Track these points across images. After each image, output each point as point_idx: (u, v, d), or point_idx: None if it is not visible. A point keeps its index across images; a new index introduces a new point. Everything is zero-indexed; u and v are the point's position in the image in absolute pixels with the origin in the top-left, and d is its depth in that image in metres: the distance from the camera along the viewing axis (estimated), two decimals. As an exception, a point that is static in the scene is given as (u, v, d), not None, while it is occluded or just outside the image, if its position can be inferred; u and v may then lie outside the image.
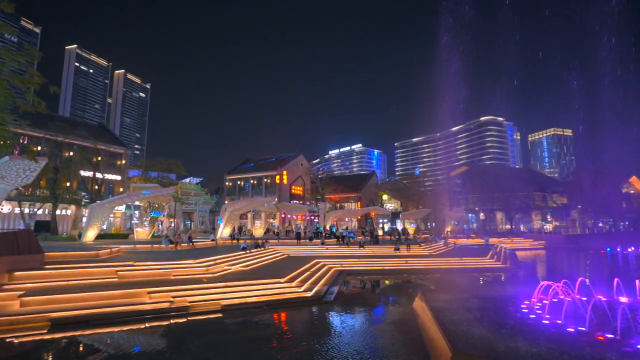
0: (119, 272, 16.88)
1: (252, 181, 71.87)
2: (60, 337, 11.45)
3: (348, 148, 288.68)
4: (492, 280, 26.51)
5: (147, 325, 12.81)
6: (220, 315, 14.36)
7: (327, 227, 49.62)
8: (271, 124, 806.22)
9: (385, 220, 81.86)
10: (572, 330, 9.55)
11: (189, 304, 14.48)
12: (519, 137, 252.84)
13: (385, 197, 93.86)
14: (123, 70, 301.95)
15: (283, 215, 62.47)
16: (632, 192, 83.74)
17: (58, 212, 38.18)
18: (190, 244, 29.29)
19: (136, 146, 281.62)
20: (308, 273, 21.89)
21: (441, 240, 45.42)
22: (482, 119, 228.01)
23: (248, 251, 26.22)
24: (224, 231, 39.90)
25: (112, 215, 46.05)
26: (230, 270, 20.17)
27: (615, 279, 11.89)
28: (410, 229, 67.08)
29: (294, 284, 18.70)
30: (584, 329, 9.56)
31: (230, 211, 39.88)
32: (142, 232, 35.99)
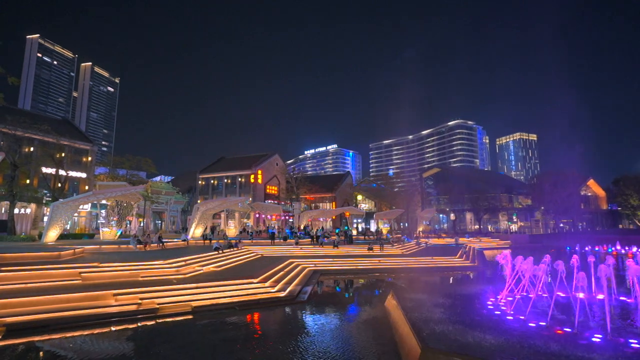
0: (82, 274, 16.12)
1: (225, 180, 70.69)
2: (17, 344, 10.79)
3: (323, 148, 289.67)
4: (461, 278, 27.37)
5: (112, 328, 12.31)
6: (190, 317, 14.02)
7: (302, 227, 49.55)
8: (246, 123, 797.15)
9: (359, 220, 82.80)
10: (533, 325, 10.01)
11: (158, 306, 14.04)
12: (487, 141, 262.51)
13: (359, 197, 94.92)
14: (90, 63, 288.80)
15: (257, 215, 61.84)
16: (589, 194, 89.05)
17: (16, 210, 35.97)
18: (160, 244, 28.43)
19: (104, 142, 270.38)
20: (282, 273, 21.78)
21: (413, 240, 46.43)
22: (454, 122, 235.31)
23: (221, 251, 25.76)
24: (195, 231, 39.00)
25: (76, 214, 43.96)
26: (201, 271, 19.73)
27: (574, 277, 12.56)
28: (384, 229, 68.17)
29: (267, 284, 18.54)
30: (544, 323, 10.04)
31: (203, 210, 39.02)
32: (108, 232, 34.57)
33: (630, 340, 8.53)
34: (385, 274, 27.37)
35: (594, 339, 8.73)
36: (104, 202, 37.28)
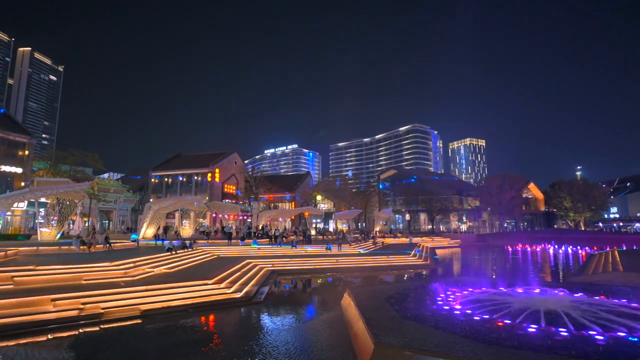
0: (15, 278, 14.75)
1: (181, 178, 67.94)
2: None
3: (284, 148, 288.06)
4: (414, 276, 28.50)
5: (50, 336, 11.37)
6: (139, 321, 13.33)
7: (260, 227, 48.93)
8: (204, 120, 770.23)
9: (318, 220, 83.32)
10: (478, 318, 10.67)
11: (102, 311, 13.19)
12: (441, 145, 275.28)
13: (319, 197, 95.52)
14: (29, 48, 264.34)
15: (214, 215, 60.11)
16: (530, 196, 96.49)
17: (-64, 208, 32.07)
18: (107, 245, 26.72)
19: (44, 135, 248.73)
20: (238, 274, 21.34)
21: (369, 240, 47.55)
22: (411, 126, 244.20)
23: (174, 252, 24.72)
24: (147, 231, 37.09)
25: (9, 213, 40.06)
26: (152, 273, 18.82)
27: (517, 273, 13.58)
28: (343, 228, 69.17)
29: (222, 285, 18.09)
30: (487, 316, 10.74)
31: (156, 210, 37.21)
32: (47, 233, 31.83)
33: (560, 330, 9.38)
34: (342, 273, 27.79)
35: (530, 329, 9.49)
36: (43, 200, 34.30)
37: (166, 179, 68.90)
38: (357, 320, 11.21)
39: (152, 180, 69.45)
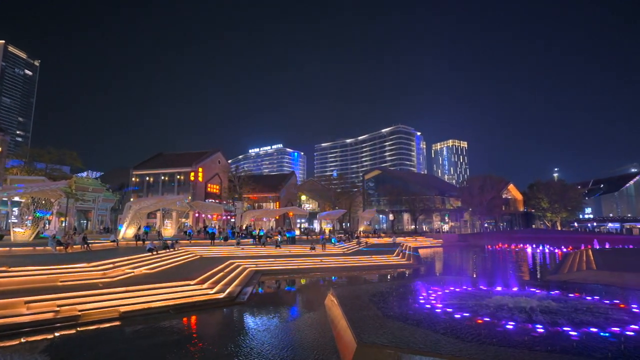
0: (-14, 280, 14.16)
1: (163, 177, 66.70)
2: None
3: (269, 148, 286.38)
4: (397, 275, 28.82)
5: (23, 340, 10.97)
6: (118, 323, 13.01)
7: (244, 227, 48.53)
8: (187, 118, 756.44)
9: (303, 220, 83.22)
10: (458, 316, 10.88)
11: (79, 313, 12.81)
12: (424, 146, 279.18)
13: (303, 197, 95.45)
14: (2, 41, 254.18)
15: (197, 215, 59.24)
16: (509, 197, 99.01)
17: None
18: (85, 245, 25.97)
19: (18, 132, 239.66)
20: (221, 274, 21.10)
21: (353, 240, 47.80)
22: (395, 127, 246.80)
23: (155, 253, 24.24)
24: (127, 231, 36.23)
25: (-20, 212, 38.46)
26: (132, 274, 18.40)
27: (496, 272, 13.92)
28: (327, 229, 69.30)
29: (205, 285, 17.85)
30: (467, 314, 10.97)
31: (136, 209, 36.37)
32: (21, 233, 30.68)
33: (537, 326, 9.66)
34: (326, 273, 27.85)
35: (508, 326, 9.74)
36: (16, 198, 33.06)
37: (147, 178, 67.54)
38: (341, 319, 11.26)
39: (133, 179, 67.94)
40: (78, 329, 12.16)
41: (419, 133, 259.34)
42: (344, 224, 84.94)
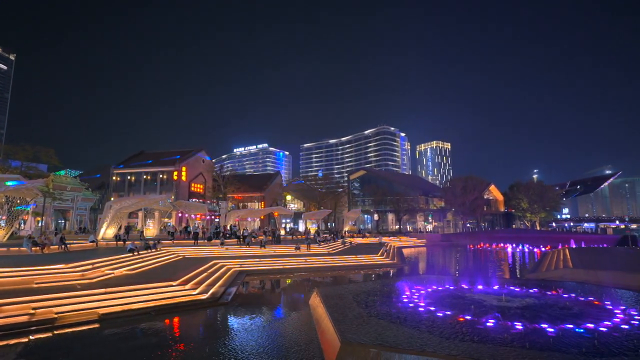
0: (-44, 282, 13.57)
1: (145, 176, 65.28)
2: None
3: (254, 147, 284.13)
4: (381, 275, 29.05)
5: (-5, 344, 10.56)
6: (97, 325, 12.67)
7: (228, 227, 48.02)
8: (169, 117, 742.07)
9: (288, 220, 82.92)
10: (440, 314, 11.06)
11: (56, 316, 12.42)
12: (409, 147, 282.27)
13: (289, 197, 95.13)
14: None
15: (180, 215, 58.26)
16: (491, 198, 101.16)
17: None
18: (63, 246, 25.21)
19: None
20: (205, 274, 20.84)
21: (338, 240, 47.94)
22: (380, 128, 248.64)
23: (136, 253, 23.73)
24: (107, 231, 35.35)
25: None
26: (112, 275, 17.97)
27: (478, 271, 14.22)
28: (312, 229, 69.29)
29: (188, 286, 17.58)
30: (449, 312, 11.15)
31: (117, 209, 35.54)
32: (-5, 233, 29.52)
33: (515, 324, 9.91)
34: (311, 273, 27.84)
35: (488, 324, 9.96)
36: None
37: (129, 177, 66.02)
38: (325, 319, 11.28)
39: (114, 178, 66.31)
40: (54, 332, 11.80)
41: (403, 134, 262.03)
42: (329, 224, 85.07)
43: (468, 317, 10.64)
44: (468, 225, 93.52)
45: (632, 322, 10.36)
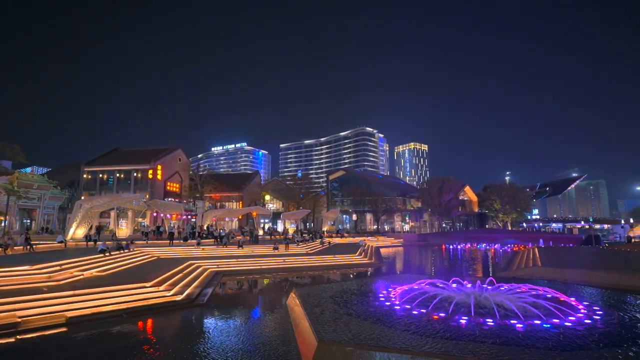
0: None
1: (118, 175, 63.17)
2: None
3: (232, 146, 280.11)
4: (359, 274, 29.29)
5: (-49, 351, 9.95)
6: (64, 329, 12.15)
7: (205, 227, 47.20)
8: (145, 114, 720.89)
9: (266, 220, 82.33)
10: (416, 312, 11.27)
11: (19, 320, 11.81)
12: (387, 148, 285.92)
13: (267, 197, 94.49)
14: None
15: (155, 214, 56.73)
16: (466, 198, 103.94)
17: None
18: (28, 246, 24.05)
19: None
20: (180, 275, 20.38)
21: (317, 240, 48.02)
22: (359, 129, 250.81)
23: (107, 254, 22.93)
24: (77, 231, 33.96)
25: None
26: (81, 277, 17.28)
27: (453, 270, 14.58)
28: (291, 229, 69.07)
29: (162, 287, 17.14)
30: (425, 310, 11.38)
31: (87, 208, 34.18)
32: (-47, 233, 27.84)
33: (487, 320, 10.22)
34: (289, 273, 27.73)
35: (461, 321, 10.23)
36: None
37: (101, 175, 63.72)
38: (302, 319, 11.26)
39: (85, 176, 63.81)
40: (17, 337, 11.22)
41: (381, 135, 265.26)
42: (308, 224, 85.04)
43: (442, 315, 10.89)
44: (444, 225, 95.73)
45: (594, 317, 10.91)
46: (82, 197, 53.30)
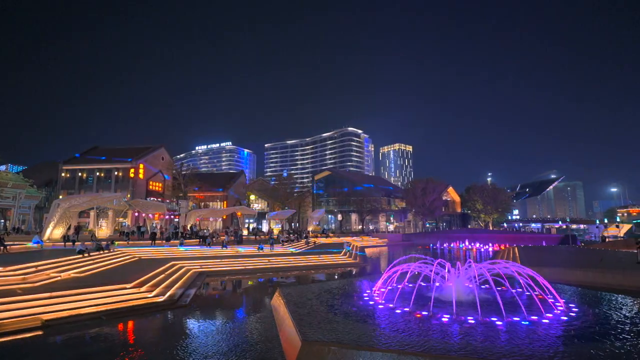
0: None
1: (98, 173, 61.56)
2: None
3: (217, 145, 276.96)
4: (344, 274, 29.41)
5: None
6: (40, 332, 11.76)
7: (188, 227, 46.52)
8: (126, 112, 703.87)
9: (251, 220, 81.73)
10: (399, 311, 11.39)
11: (-9, 323, 11.38)
12: (373, 149, 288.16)
13: (252, 197, 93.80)
14: None
15: (137, 214, 55.56)
16: (449, 199, 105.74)
17: None
18: (1, 247, 23.17)
19: None
20: (162, 276, 20.01)
21: (302, 240, 47.96)
22: (345, 129, 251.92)
23: (87, 255, 22.32)
24: (54, 232, 32.92)
25: None
26: (58, 278, 16.76)
27: (432, 270, 14.79)
28: (276, 229, 68.76)
29: (143, 289, 16.80)
30: (408, 309, 11.51)
31: (65, 207, 33.16)
32: None
33: (468, 318, 10.42)
34: (274, 274, 27.61)
35: (443, 319, 10.39)
36: None
37: (80, 174, 61.98)
38: (287, 319, 11.22)
39: (63, 174, 61.95)
40: (-11, 341, 10.81)
41: (367, 136, 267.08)
42: (293, 224, 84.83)
43: (425, 313, 11.03)
44: (427, 225, 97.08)
45: (571, 313, 11.27)
46: (60, 196, 51.71)
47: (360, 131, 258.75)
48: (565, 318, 10.81)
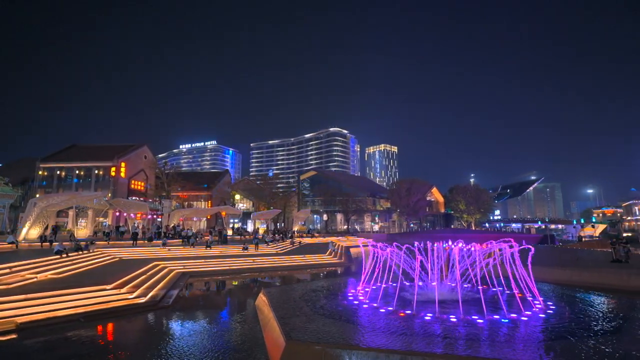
0: None
1: (77, 172, 59.88)
2: None
3: (201, 144, 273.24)
4: (328, 274, 29.47)
5: None
6: (14, 336, 11.37)
7: (171, 227, 45.77)
8: (108, 107, 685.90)
9: (236, 220, 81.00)
10: (383, 310, 11.49)
11: (-38, 327, 10.93)
12: (359, 149, 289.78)
13: (237, 196, 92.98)
14: None
15: (118, 214, 54.30)
16: (433, 199, 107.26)
17: None
18: (-26, 248, 22.30)
19: None
20: (143, 277, 19.63)
21: (287, 240, 47.83)
22: (331, 129, 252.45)
23: (65, 255, 21.68)
24: (30, 231, 31.88)
25: None
26: (34, 279, 16.24)
27: (417, 269, 14.98)
28: (261, 229, 68.33)
29: (124, 290, 16.44)
30: (391, 308, 11.63)
31: (43, 207, 32.18)
32: None
33: (450, 316, 10.59)
34: (259, 274, 27.45)
35: (426, 317, 10.54)
36: None
37: (58, 172, 60.16)
38: (271, 319, 11.18)
39: (40, 172, 60.01)
40: (-40, 345, 10.38)
41: (353, 136, 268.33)
42: (278, 224, 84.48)
43: (408, 312, 11.17)
44: (412, 225, 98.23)
45: (548, 311, 11.59)
46: (37, 195, 50.09)
47: (346, 131, 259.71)
48: (543, 315, 11.11)
